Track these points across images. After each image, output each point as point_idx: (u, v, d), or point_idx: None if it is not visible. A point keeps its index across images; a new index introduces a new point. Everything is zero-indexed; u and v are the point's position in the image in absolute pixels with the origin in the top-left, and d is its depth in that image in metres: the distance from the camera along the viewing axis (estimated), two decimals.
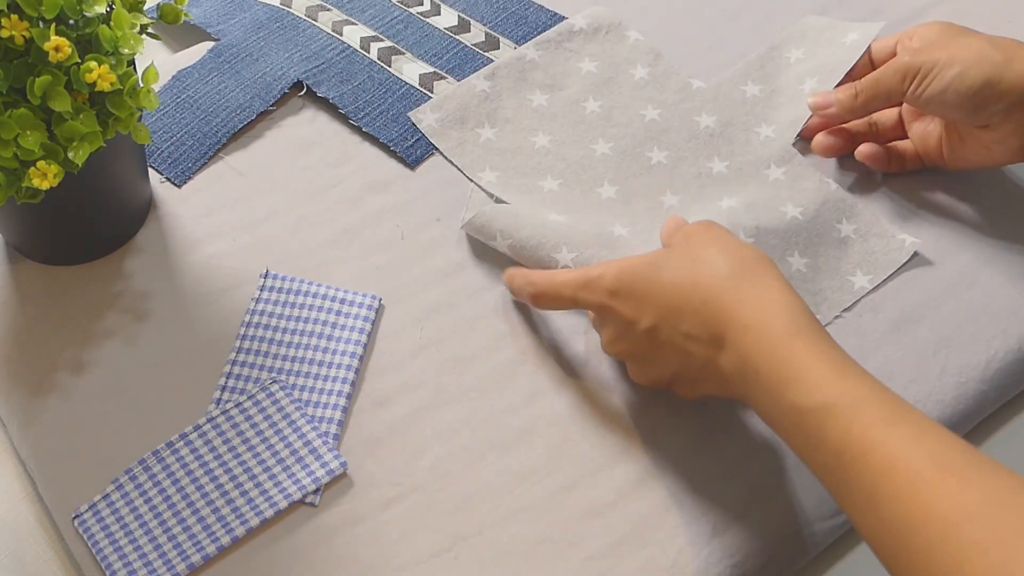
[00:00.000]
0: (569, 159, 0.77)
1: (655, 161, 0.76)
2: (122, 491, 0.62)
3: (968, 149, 0.73)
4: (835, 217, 0.73)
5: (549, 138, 0.78)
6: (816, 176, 0.75)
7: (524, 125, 0.79)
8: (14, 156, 0.58)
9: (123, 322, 0.69)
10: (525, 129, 0.78)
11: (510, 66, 0.81)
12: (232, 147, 0.77)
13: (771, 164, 0.76)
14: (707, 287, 0.59)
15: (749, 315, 0.58)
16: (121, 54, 0.60)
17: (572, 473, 0.64)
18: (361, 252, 0.72)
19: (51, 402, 0.65)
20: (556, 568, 0.61)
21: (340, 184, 0.76)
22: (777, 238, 0.71)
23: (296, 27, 0.83)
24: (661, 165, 0.76)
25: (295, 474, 0.63)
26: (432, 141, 0.77)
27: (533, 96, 0.80)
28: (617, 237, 0.71)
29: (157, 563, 0.60)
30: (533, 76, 0.81)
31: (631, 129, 0.78)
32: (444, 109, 0.78)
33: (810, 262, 0.71)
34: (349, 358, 0.67)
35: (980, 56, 0.68)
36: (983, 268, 0.72)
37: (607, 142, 0.77)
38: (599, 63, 0.82)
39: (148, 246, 0.72)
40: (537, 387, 0.67)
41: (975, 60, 0.68)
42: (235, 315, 0.69)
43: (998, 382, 0.68)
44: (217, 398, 0.65)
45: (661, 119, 0.79)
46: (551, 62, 0.82)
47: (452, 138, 0.78)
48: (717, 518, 0.62)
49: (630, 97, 0.80)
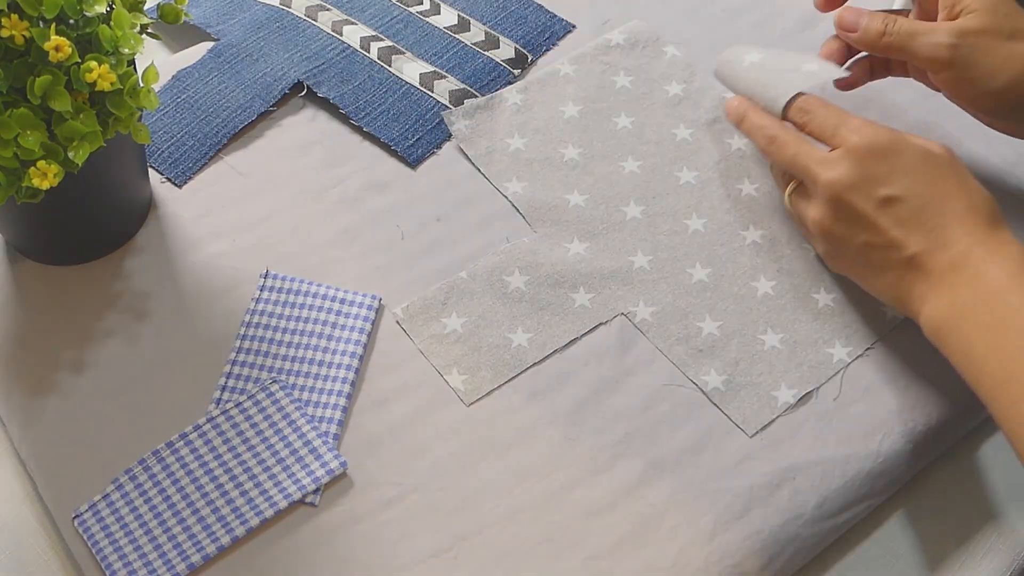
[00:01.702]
0: (597, 174, 0.76)
1: (683, 181, 0.76)
2: (122, 491, 0.62)
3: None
4: None
5: (579, 151, 0.77)
6: None
7: (554, 136, 0.78)
8: (14, 156, 0.58)
9: (123, 322, 0.69)
10: (555, 140, 0.78)
11: (544, 81, 0.81)
12: (232, 147, 0.77)
13: None
14: (963, 202, 0.63)
15: (989, 238, 0.62)
16: (121, 54, 0.60)
17: (572, 473, 0.64)
18: (361, 252, 0.72)
19: (51, 402, 0.65)
20: (556, 568, 0.61)
21: (340, 184, 0.76)
22: (800, 278, 0.71)
23: (296, 27, 0.83)
24: (689, 186, 0.76)
25: (295, 474, 0.63)
26: (462, 147, 0.77)
27: (565, 107, 0.79)
28: (637, 269, 0.71)
29: (157, 563, 0.60)
30: (566, 89, 0.80)
31: (661, 147, 0.77)
32: (475, 118, 0.78)
33: (838, 296, 0.71)
34: (349, 358, 0.67)
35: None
36: None
37: (636, 160, 0.77)
38: (634, 78, 0.81)
39: (148, 246, 0.72)
40: (537, 387, 0.67)
41: (1020, 72, 0.67)
42: (235, 315, 0.69)
43: None
44: (217, 398, 0.65)
45: (692, 139, 0.78)
46: (586, 75, 0.81)
47: (481, 146, 0.77)
48: (717, 518, 0.62)
49: (663, 114, 0.79)
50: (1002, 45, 0.68)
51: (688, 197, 0.75)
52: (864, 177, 0.64)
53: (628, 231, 0.73)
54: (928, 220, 0.63)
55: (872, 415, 0.66)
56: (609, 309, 0.70)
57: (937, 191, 0.63)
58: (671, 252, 0.72)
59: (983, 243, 0.62)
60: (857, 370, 0.68)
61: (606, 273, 0.71)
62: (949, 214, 0.63)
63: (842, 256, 0.67)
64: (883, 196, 0.63)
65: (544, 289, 0.70)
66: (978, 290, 0.60)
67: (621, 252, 0.72)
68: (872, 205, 0.64)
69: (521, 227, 0.74)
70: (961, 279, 0.61)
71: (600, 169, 0.76)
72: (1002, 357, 0.58)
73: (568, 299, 0.70)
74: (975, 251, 0.61)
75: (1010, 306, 0.59)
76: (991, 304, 0.60)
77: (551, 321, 0.69)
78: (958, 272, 0.61)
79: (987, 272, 0.61)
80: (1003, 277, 0.60)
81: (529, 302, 0.70)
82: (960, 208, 0.63)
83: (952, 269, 0.61)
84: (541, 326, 0.69)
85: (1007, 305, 0.59)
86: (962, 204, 0.63)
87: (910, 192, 0.63)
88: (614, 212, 0.74)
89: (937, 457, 0.68)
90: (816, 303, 0.70)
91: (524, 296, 0.70)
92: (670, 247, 0.72)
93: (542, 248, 0.72)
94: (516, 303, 0.70)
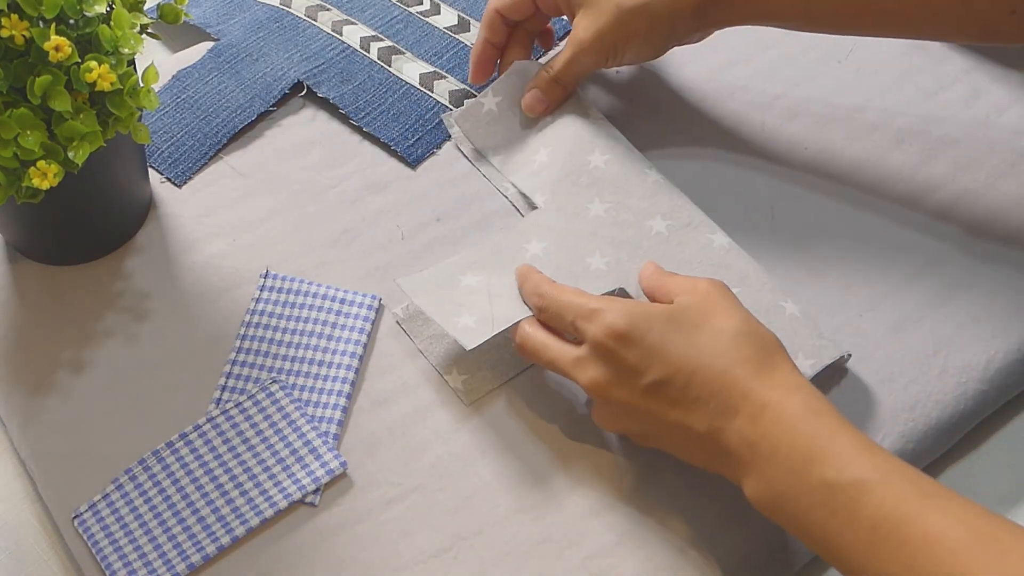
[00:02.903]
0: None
1: (655, 231, 0.71)
2: (122, 491, 0.62)
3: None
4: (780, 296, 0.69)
5: (548, 152, 0.75)
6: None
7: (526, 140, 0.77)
8: (14, 156, 0.58)
9: (123, 322, 0.69)
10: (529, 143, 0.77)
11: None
12: (232, 147, 0.77)
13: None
14: (726, 357, 0.57)
15: (768, 393, 0.56)
16: (121, 54, 0.60)
17: (572, 473, 0.64)
18: (361, 252, 0.72)
19: (51, 402, 0.65)
20: (556, 568, 0.61)
21: (340, 184, 0.76)
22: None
23: (296, 27, 0.83)
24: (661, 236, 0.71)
25: (295, 474, 0.63)
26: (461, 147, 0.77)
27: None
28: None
29: (157, 563, 0.60)
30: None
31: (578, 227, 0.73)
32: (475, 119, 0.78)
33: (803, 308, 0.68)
34: (349, 358, 0.67)
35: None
36: (983, 268, 0.72)
37: (602, 155, 0.74)
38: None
39: (148, 246, 0.72)
40: (537, 387, 0.67)
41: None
42: (235, 315, 0.69)
43: (998, 382, 0.68)
44: (217, 398, 0.65)
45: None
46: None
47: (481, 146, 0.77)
48: (717, 518, 0.62)
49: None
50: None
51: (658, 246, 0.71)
52: (619, 372, 0.59)
53: (593, 277, 0.69)
54: (701, 392, 0.57)
55: (872, 415, 0.66)
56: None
57: (696, 356, 0.58)
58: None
59: (765, 404, 0.56)
60: (857, 370, 0.68)
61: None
62: (719, 378, 0.57)
63: (647, 439, 0.61)
64: (645, 385, 0.58)
65: (553, 257, 0.70)
66: (783, 465, 0.54)
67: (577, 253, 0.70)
68: (639, 395, 0.58)
69: None
70: (761, 455, 0.55)
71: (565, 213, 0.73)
72: (839, 543, 0.52)
73: (578, 266, 0.69)
74: (764, 416, 0.55)
75: (826, 480, 0.53)
76: (803, 479, 0.54)
77: None
78: (755, 448, 0.55)
79: (783, 441, 0.55)
80: (803, 443, 0.54)
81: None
82: (726, 366, 0.57)
83: (747, 445, 0.56)
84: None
85: (822, 480, 0.53)
86: (727, 359, 0.57)
87: (670, 369, 0.58)
88: (577, 265, 0.70)
89: (937, 457, 0.68)
90: (784, 311, 0.68)
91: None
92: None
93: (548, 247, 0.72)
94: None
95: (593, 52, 0.73)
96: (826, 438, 0.54)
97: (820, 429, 0.55)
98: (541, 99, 0.76)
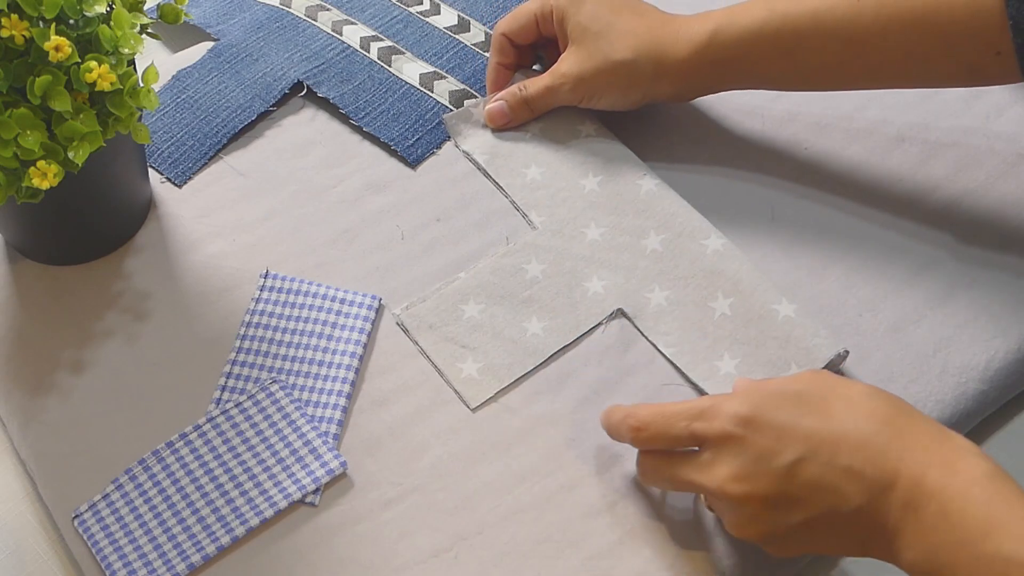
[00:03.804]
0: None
1: (650, 250, 0.71)
2: (122, 491, 0.62)
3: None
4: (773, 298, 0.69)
5: (541, 171, 0.76)
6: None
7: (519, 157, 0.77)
8: (14, 156, 0.58)
9: (123, 322, 0.69)
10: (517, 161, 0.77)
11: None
12: (232, 147, 0.77)
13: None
14: (871, 420, 0.53)
15: (929, 456, 0.51)
16: (121, 54, 0.60)
17: (572, 473, 0.64)
18: (361, 252, 0.72)
19: (51, 402, 0.65)
20: (556, 568, 0.61)
21: (340, 184, 0.76)
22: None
23: (296, 27, 0.83)
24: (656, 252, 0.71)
25: (295, 474, 0.63)
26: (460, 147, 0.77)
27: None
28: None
29: (157, 563, 0.60)
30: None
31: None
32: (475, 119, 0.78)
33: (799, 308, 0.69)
34: (349, 358, 0.67)
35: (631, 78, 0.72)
36: (983, 268, 0.72)
37: (599, 227, 0.73)
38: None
39: (148, 246, 0.72)
40: (537, 387, 0.67)
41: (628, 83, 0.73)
42: (235, 315, 0.69)
43: (998, 382, 0.68)
44: (217, 398, 0.65)
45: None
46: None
47: (481, 146, 0.77)
48: (717, 518, 0.62)
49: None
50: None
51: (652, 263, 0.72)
52: (755, 460, 0.54)
53: (589, 303, 0.70)
54: (853, 461, 0.53)
55: None
56: (609, 304, 0.70)
57: (838, 425, 0.53)
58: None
59: (929, 465, 0.52)
60: (856, 370, 0.68)
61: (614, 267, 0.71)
62: (870, 443, 0.53)
63: (787, 540, 0.56)
64: (786, 466, 0.53)
65: (553, 280, 0.70)
66: (952, 534, 0.50)
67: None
68: (780, 480, 0.53)
69: (521, 226, 0.74)
70: (925, 522, 0.51)
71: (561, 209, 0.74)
72: None
73: (577, 291, 0.70)
74: (927, 480, 0.51)
75: (1002, 554, 0.49)
76: (976, 550, 0.49)
77: (556, 321, 0.69)
78: (919, 514, 0.51)
79: (953, 507, 0.50)
80: (977, 512, 0.50)
81: (535, 300, 0.70)
82: (875, 429, 0.53)
83: (910, 511, 0.51)
84: (550, 322, 0.69)
85: (998, 553, 0.49)
86: (872, 422, 0.53)
87: (811, 444, 0.53)
88: (574, 289, 0.71)
89: None
90: (777, 315, 0.68)
91: (531, 294, 0.70)
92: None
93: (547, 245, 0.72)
94: (522, 304, 0.70)
95: (571, 91, 0.75)
96: (1003, 506, 0.50)
97: (994, 496, 0.50)
98: (505, 114, 0.77)
